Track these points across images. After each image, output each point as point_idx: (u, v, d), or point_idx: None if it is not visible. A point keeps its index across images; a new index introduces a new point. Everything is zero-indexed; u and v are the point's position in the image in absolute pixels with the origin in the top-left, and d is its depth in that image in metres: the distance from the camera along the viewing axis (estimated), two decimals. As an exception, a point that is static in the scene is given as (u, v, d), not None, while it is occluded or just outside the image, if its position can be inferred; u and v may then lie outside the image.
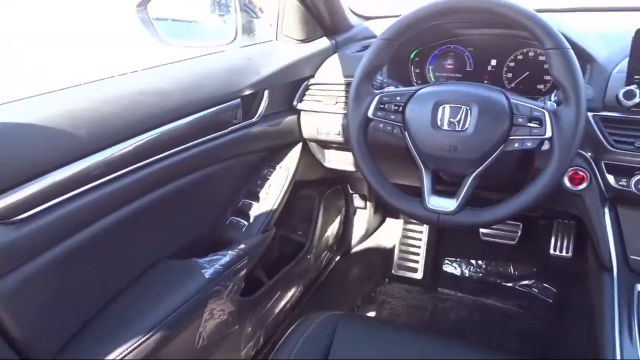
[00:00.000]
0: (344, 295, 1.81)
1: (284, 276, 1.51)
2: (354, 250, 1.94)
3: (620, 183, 0.96)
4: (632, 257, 0.99)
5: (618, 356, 0.84)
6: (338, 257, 1.88)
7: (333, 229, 1.79)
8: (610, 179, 0.97)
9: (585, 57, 1.01)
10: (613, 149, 0.95)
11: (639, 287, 0.94)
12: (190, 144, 1.06)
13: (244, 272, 1.21)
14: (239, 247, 1.20)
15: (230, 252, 1.17)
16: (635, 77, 0.93)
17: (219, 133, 1.13)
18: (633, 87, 0.92)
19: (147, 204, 1.00)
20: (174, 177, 1.06)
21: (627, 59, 0.95)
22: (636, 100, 0.92)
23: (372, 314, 1.79)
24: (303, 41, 1.38)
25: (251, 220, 1.30)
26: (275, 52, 1.31)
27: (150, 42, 1.12)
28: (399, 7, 1.40)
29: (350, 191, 1.87)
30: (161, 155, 0.99)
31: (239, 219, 1.30)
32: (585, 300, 1.08)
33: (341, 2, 1.40)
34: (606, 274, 1.00)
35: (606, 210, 1.01)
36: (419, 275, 1.93)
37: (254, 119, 1.22)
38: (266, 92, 1.22)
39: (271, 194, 1.34)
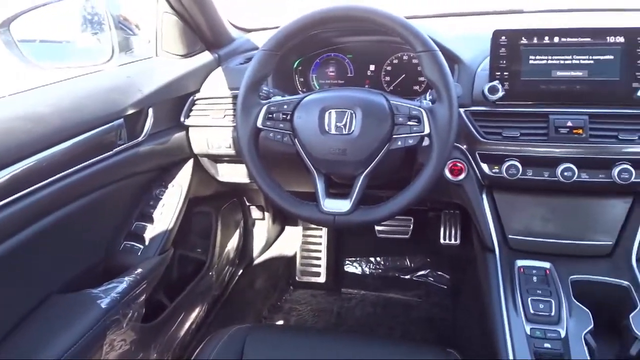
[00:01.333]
0: (251, 308, 1.80)
1: (186, 296, 1.47)
2: (256, 261, 1.94)
3: (493, 170, 1.05)
4: (510, 236, 1.09)
5: (506, 326, 0.92)
6: (241, 271, 1.87)
7: (233, 243, 1.78)
8: (485, 167, 1.06)
9: (452, 58, 1.10)
10: (484, 140, 1.04)
11: (519, 262, 1.04)
12: (72, 169, 1.00)
13: (143, 297, 1.16)
14: (136, 272, 1.15)
15: (126, 278, 1.12)
16: (497, 73, 1.03)
17: (103, 155, 1.08)
18: (495, 82, 1.01)
19: (29, 238, 0.93)
20: (57, 206, 0.99)
21: (488, 58, 1.05)
22: (499, 94, 1.01)
23: (280, 323, 1.80)
24: (184, 56, 1.36)
25: (146, 242, 1.25)
26: (156, 69, 1.28)
27: (17, 66, 1.04)
28: (279, 18, 1.43)
29: (247, 203, 1.87)
30: (40, 184, 0.93)
31: (134, 243, 1.25)
32: (475, 282, 1.16)
33: (220, 16, 1.40)
34: (490, 254, 1.08)
35: (484, 197, 1.10)
36: (322, 279, 1.97)
37: (140, 139, 1.17)
38: (150, 110, 1.19)
39: (165, 214, 1.30)
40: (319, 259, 1.99)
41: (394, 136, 0.93)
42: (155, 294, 1.32)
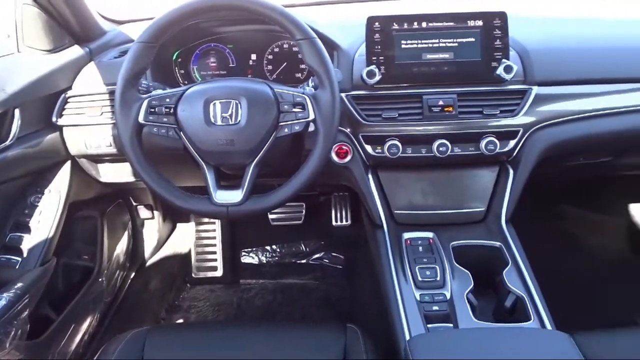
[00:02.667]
0: (148, 310, 1.74)
1: (75, 307, 1.38)
2: (149, 262, 1.87)
3: (376, 151, 1.11)
4: (396, 212, 1.15)
5: (398, 295, 0.98)
6: (133, 274, 1.79)
7: (122, 245, 1.70)
8: (369, 148, 1.11)
9: (331, 45, 1.13)
10: (366, 122, 1.09)
11: (405, 235, 1.11)
12: None
13: (26, 312, 1.08)
14: (16, 287, 1.06)
15: (5, 294, 1.03)
16: (373, 58, 1.08)
17: (-35, 164, 0.98)
18: (373, 67, 1.07)
19: None
20: None
21: (365, 43, 1.10)
22: (377, 78, 1.06)
23: (180, 322, 1.76)
24: (51, 51, 1.26)
25: (25, 254, 1.16)
26: (19, 66, 1.17)
27: None
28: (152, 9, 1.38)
29: (134, 203, 1.79)
30: None
31: (10, 256, 1.15)
32: (368, 258, 1.22)
33: (88, 7, 1.31)
34: (379, 230, 1.14)
35: (370, 176, 1.15)
36: (219, 273, 1.95)
37: (7, 143, 1.08)
38: (17, 111, 1.09)
39: (43, 222, 1.21)
40: (214, 253, 1.97)
41: (280, 124, 0.95)
42: (40, 308, 1.24)
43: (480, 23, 1.08)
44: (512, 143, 1.10)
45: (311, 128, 0.98)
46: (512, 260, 1.04)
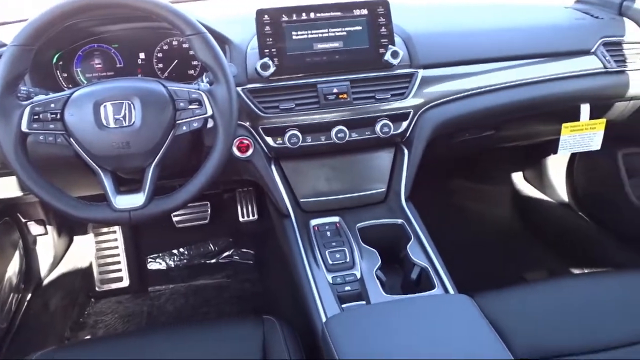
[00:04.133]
0: (50, 332, 1.63)
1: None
2: (46, 281, 1.75)
3: (277, 142, 1.12)
4: (302, 200, 1.17)
5: (311, 280, 1.00)
6: (30, 295, 1.67)
7: (14, 266, 1.58)
8: (269, 140, 1.12)
9: (222, 40, 1.12)
10: (265, 115, 1.10)
11: (312, 222, 1.13)
12: None
13: None
14: None
15: None
16: (265, 50, 1.08)
17: None
18: (266, 59, 1.07)
19: None
20: None
21: (256, 37, 1.10)
22: (271, 70, 1.07)
23: (87, 338, 1.67)
24: None
25: None
26: None
27: None
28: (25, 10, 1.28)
29: (24, 219, 1.66)
30: None
31: None
32: (278, 250, 1.23)
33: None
34: (286, 221, 1.16)
35: (273, 168, 1.16)
36: (125, 283, 1.87)
37: None
38: None
39: None
40: (118, 263, 1.89)
41: (178, 122, 0.93)
42: None
43: (365, 12, 1.12)
44: (404, 124, 1.16)
45: (210, 124, 0.97)
46: (414, 235, 1.10)
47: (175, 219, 1.88)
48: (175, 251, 1.97)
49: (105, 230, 1.90)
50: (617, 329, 0.95)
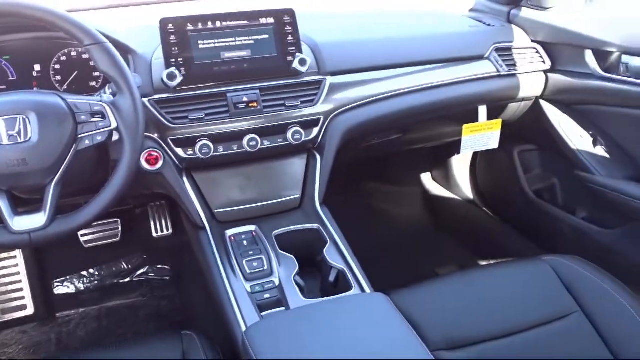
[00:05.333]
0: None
1: None
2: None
3: (188, 153, 1.10)
4: (216, 211, 1.16)
5: (230, 291, 0.99)
6: None
7: None
8: (180, 151, 1.09)
9: (125, 50, 1.09)
10: (173, 126, 1.07)
11: (228, 232, 1.12)
12: None
13: None
14: None
15: None
16: (172, 60, 1.06)
17: None
18: (172, 69, 1.05)
19: None
20: None
21: (161, 46, 1.07)
22: (178, 80, 1.05)
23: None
24: None
25: None
26: None
27: None
28: None
29: None
30: None
31: None
32: (195, 263, 1.21)
33: None
34: (202, 233, 1.14)
35: (185, 180, 1.14)
36: (30, 311, 1.74)
37: None
38: None
39: None
40: (20, 290, 1.75)
41: (80, 135, 0.89)
42: None
43: (272, 20, 1.13)
44: (315, 131, 1.18)
45: (115, 137, 0.93)
46: (330, 239, 1.12)
47: (82, 238, 1.78)
48: (84, 273, 1.86)
49: (3, 255, 1.76)
50: (520, 314, 1.02)
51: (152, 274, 1.89)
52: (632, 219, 1.36)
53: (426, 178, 2.18)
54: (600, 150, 1.46)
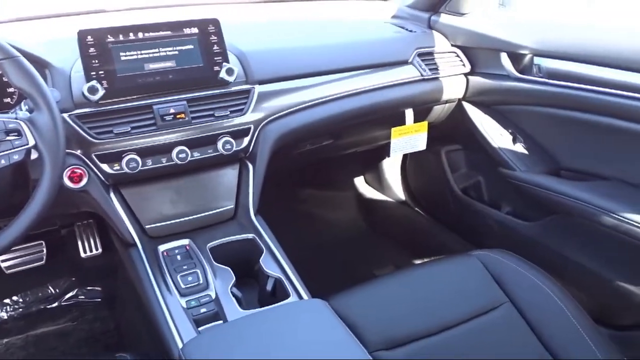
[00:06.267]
0: None
1: None
2: None
3: (114, 168, 1.06)
4: (147, 227, 1.12)
5: (164, 308, 0.96)
6: None
7: None
8: (105, 167, 1.05)
9: (41, 64, 1.04)
10: (97, 141, 1.03)
11: (161, 248, 1.09)
12: None
13: None
14: None
15: None
16: (92, 73, 1.02)
17: None
18: (94, 82, 1.01)
19: None
20: None
21: (80, 59, 1.03)
22: (100, 93, 1.01)
23: None
24: None
25: None
26: None
27: None
28: None
29: None
30: None
31: None
32: (127, 282, 1.17)
33: None
34: (133, 250, 1.10)
35: (112, 196, 1.10)
36: (-53, 345, 1.62)
37: None
38: None
39: None
40: None
41: (-4, 155, 0.84)
42: None
43: (196, 30, 1.11)
44: (246, 140, 1.17)
45: (34, 155, 0.89)
46: (266, 248, 1.12)
47: (3, 264, 1.67)
48: (7, 300, 1.75)
49: None
50: (454, 308, 1.05)
51: (82, 297, 1.80)
52: (552, 212, 1.44)
53: (359, 182, 2.22)
54: (520, 147, 1.54)
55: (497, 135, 1.57)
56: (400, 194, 2.09)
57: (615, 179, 1.35)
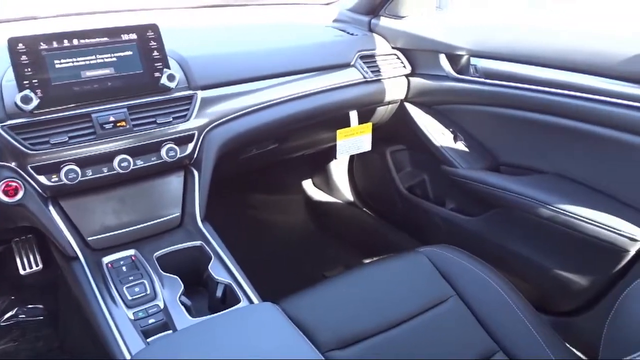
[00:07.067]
0: None
1: None
2: None
3: (53, 180, 1.02)
4: (90, 239, 1.09)
5: (111, 322, 0.94)
6: None
7: None
8: (42, 179, 1.01)
9: None
10: (33, 152, 0.99)
11: (105, 260, 1.06)
12: None
13: None
14: None
15: None
16: (25, 82, 0.98)
17: None
18: (27, 92, 0.97)
19: None
20: None
21: (11, 68, 0.99)
22: (34, 103, 0.97)
23: None
24: None
25: None
26: None
27: None
28: None
29: None
30: None
31: None
32: (71, 297, 1.13)
33: None
34: (75, 264, 1.06)
35: (51, 209, 1.06)
36: None
37: None
38: None
39: None
40: None
41: None
42: None
43: (134, 36, 1.09)
44: (190, 146, 1.15)
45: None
46: (214, 254, 1.11)
47: None
48: (-59, 324, 1.66)
49: None
50: (403, 304, 1.08)
51: (23, 315, 1.73)
52: (493, 206, 1.49)
53: (307, 184, 2.23)
54: (461, 146, 1.59)
55: (439, 134, 1.62)
56: (348, 195, 2.12)
57: (551, 172, 1.41)
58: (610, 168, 1.28)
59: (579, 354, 1.27)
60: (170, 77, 1.10)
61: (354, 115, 1.57)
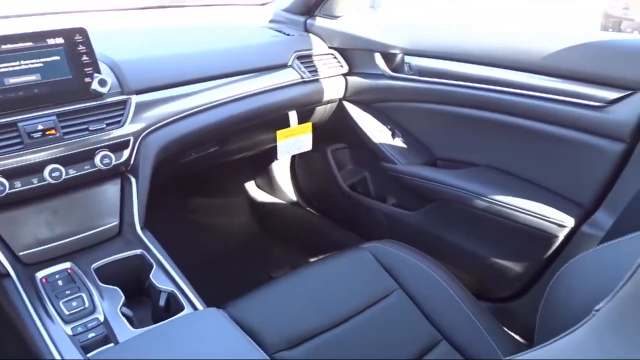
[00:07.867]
0: None
1: None
2: None
3: None
4: (21, 253, 1.04)
5: (48, 340, 0.89)
6: None
7: None
8: None
9: None
10: None
11: (39, 275, 1.01)
12: None
13: None
14: None
15: None
16: None
17: None
18: None
19: None
20: None
21: None
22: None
23: None
24: None
25: None
26: None
27: None
28: None
29: None
30: None
31: None
32: (4, 316, 1.07)
33: None
34: (6, 280, 1.01)
35: None
36: None
37: None
38: None
39: None
40: None
41: None
42: None
43: (61, 41, 1.05)
44: (126, 153, 1.12)
45: None
46: (155, 263, 1.08)
47: None
48: None
49: None
50: (349, 300, 1.09)
51: (-48, 338, 1.62)
52: (431, 199, 1.54)
53: (250, 186, 2.21)
54: (399, 142, 1.63)
55: (377, 131, 1.65)
56: (292, 195, 2.12)
57: (484, 165, 1.47)
58: (537, 158, 1.34)
59: (516, 337, 1.33)
60: (102, 82, 1.07)
61: (293, 115, 1.57)
